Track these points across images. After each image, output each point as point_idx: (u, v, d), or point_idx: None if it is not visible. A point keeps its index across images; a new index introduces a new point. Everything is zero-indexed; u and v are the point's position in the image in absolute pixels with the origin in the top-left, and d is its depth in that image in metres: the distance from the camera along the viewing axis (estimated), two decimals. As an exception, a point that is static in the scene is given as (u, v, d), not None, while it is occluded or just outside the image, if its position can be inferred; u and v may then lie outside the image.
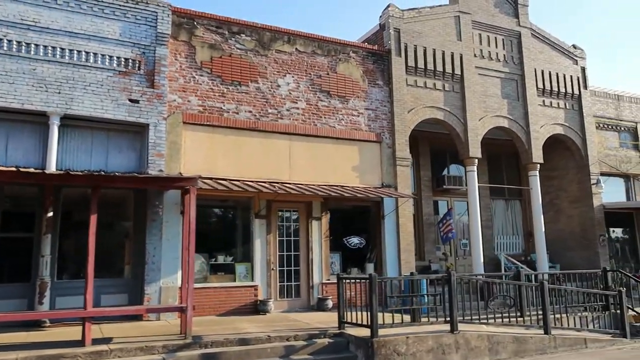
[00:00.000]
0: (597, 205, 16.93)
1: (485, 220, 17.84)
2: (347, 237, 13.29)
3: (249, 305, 11.55)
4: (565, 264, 17.63)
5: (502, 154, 18.36)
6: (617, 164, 17.94)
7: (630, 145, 18.57)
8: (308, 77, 13.12)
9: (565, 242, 17.74)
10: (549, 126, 16.65)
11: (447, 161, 17.94)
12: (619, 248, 18.06)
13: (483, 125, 15.44)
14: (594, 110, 17.86)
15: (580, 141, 17.23)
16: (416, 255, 16.58)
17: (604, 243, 16.68)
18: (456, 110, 15.04)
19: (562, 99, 17.12)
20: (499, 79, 16.07)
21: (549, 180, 18.50)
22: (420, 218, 16.77)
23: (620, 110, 18.50)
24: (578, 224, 17.32)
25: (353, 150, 13.39)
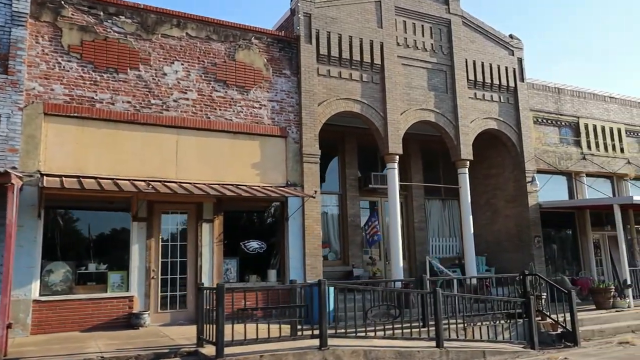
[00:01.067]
0: (533, 205, 15.93)
1: (418, 221, 16.81)
2: (246, 242, 12.09)
3: (122, 319, 10.30)
4: (501, 267, 16.61)
5: (439, 151, 17.29)
6: (557, 160, 16.97)
7: (571, 142, 17.62)
8: (201, 65, 11.92)
9: (501, 244, 16.73)
10: (480, 121, 15.62)
11: (377, 159, 16.85)
12: (555, 250, 17.07)
13: (406, 119, 14.36)
14: (532, 104, 16.88)
15: (516, 137, 16.23)
16: (340, 259, 15.54)
17: (539, 245, 15.68)
18: (375, 102, 13.94)
19: (497, 91, 16.11)
20: (425, 70, 15.01)
21: (487, 178, 17.50)
22: (345, 219, 15.65)
23: (561, 104, 17.55)
24: (514, 224, 16.32)
25: (253, 146, 12.21)
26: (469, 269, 14.62)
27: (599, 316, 12.31)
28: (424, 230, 16.81)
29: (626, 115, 18.99)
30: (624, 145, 18.62)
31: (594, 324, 11.91)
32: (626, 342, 10.65)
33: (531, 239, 15.67)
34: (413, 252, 16.53)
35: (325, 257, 15.37)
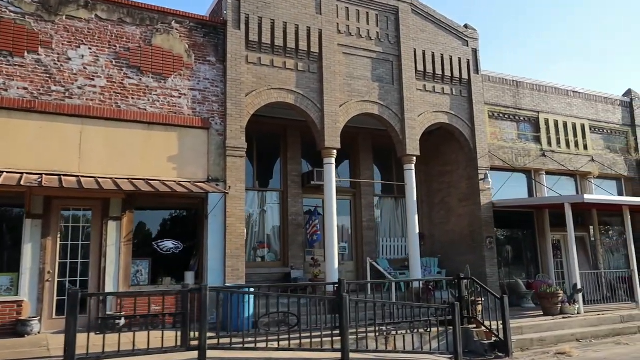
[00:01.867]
0: (486, 204, 15.07)
1: (367, 220, 15.93)
2: (160, 241, 11.17)
3: (8, 327, 9.35)
4: (454, 269, 15.68)
5: (392, 147, 16.40)
6: (513, 157, 16.11)
7: (530, 138, 16.77)
8: (112, 49, 10.99)
9: (455, 245, 15.88)
10: (430, 114, 14.74)
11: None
12: (511, 251, 16.22)
13: (346, 111, 13.47)
14: (488, 97, 16.02)
15: (469, 132, 15.37)
16: (279, 260, 14.66)
17: (491, 246, 14.81)
18: (312, 93, 13.05)
19: (449, 84, 15.24)
20: (369, 60, 14.12)
21: (442, 176, 16.65)
22: (286, 218, 14.75)
23: (520, 98, 16.70)
24: (467, 224, 15.46)
25: (171, 138, 11.29)
26: (414, 271, 13.75)
27: (542, 323, 11.45)
28: (373, 230, 15.93)
29: (591, 110, 18.17)
30: (588, 142, 17.79)
31: (535, 332, 11.05)
32: (563, 352, 9.81)
33: (483, 240, 14.82)
34: (361, 252, 15.66)
35: (263, 258, 14.55)
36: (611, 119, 18.60)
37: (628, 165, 18.55)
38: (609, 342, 10.96)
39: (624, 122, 18.89)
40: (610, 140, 18.52)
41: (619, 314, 12.64)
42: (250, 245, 14.45)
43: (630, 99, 19.19)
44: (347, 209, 16.12)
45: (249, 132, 14.53)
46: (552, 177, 17.29)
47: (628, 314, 12.73)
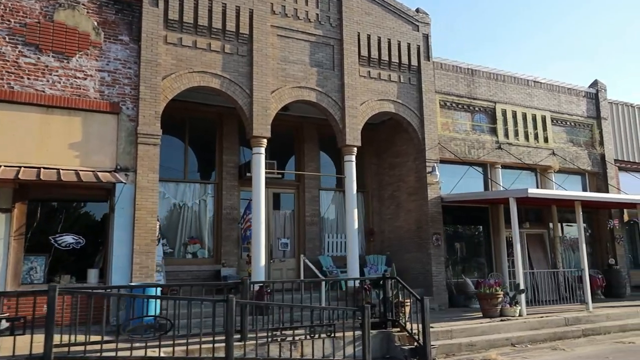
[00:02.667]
0: (434, 198, 14.21)
1: (310, 215, 15.06)
2: (58, 236, 10.23)
3: None
4: (402, 267, 14.91)
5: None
6: (466, 149, 15.24)
7: (486, 129, 15.90)
8: (6, 25, 10.01)
9: (403, 242, 15.03)
10: (374, 102, 13.85)
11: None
12: (459, 249, 15.36)
13: (280, 97, 12.55)
14: (440, 85, 15.13)
15: (418, 122, 14.48)
16: (212, 257, 13.77)
17: (437, 243, 13.96)
18: (241, 78, 12.12)
19: (396, 70, 14.33)
20: (307, 43, 13.19)
21: (393, 168, 15.79)
22: (220, 212, 13.85)
23: (475, 87, 15.81)
24: (415, 220, 14.60)
25: (74, 123, 10.34)
26: (352, 269, 12.86)
27: (477, 326, 10.61)
28: (316, 225, 15.05)
29: (553, 102, 17.31)
30: (549, 134, 16.94)
31: (467, 336, 10.20)
32: (488, 359, 8.96)
33: (430, 237, 13.97)
34: (302, 249, 14.78)
35: (194, 255, 13.65)
36: (575, 110, 17.76)
37: (592, 160, 17.72)
38: (545, 347, 10.14)
39: (588, 114, 18.04)
40: (573, 133, 17.68)
41: (565, 316, 11.82)
42: (180, 241, 13.57)
43: (596, 90, 18.34)
44: (290, 203, 15.26)
45: (180, 119, 13.73)
46: (513, 171, 16.48)
47: (574, 316, 11.91)
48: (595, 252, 17.75)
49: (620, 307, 13.32)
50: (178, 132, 13.88)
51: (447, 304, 13.74)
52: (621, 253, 17.40)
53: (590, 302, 12.90)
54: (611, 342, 10.74)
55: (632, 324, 12.16)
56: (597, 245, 17.79)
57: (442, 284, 13.84)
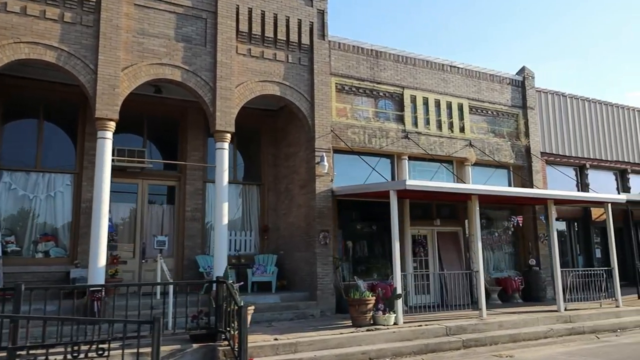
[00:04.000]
0: (323, 192, 12.77)
1: (192, 210, 13.57)
2: None
3: None
4: (293, 267, 13.53)
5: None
6: (366, 138, 13.82)
7: (392, 116, 14.49)
8: None
9: (294, 240, 13.59)
10: (254, 84, 12.37)
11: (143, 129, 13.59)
12: (358, 248, 13.90)
13: (133, 76, 11.01)
14: (337, 67, 13.70)
15: (308, 106, 13.04)
16: (68, 256, 12.21)
17: (324, 241, 12.53)
18: (84, 51, 10.55)
19: (283, 49, 12.87)
20: (173, 15, 11.66)
21: (288, 159, 14.34)
22: (79, 206, 12.30)
23: (380, 70, 14.39)
24: (304, 215, 13.16)
25: None
26: (217, 270, 11.33)
27: (334, 338, 9.18)
28: (198, 221, 13.54)
29: (472, 88, 15.96)
30: (466, 124, 15.60)
31: (315, 350, 8.77)
32: (319, 380, 7.55)
33: (316, 234, 12.54)
34: (181, 247, 13.29)
35: (46, 254, 12.09)
36: (498, 99, 16.43)
37: (516, 152, 16.42)
38: (407, 364, 8.78)
39: (513, 103, 16.74)
40: (496, 124, 16.36)
41: (448, 324, 10.46)
42: (31, 238, 12.00)
43: (522, 78, 17.04)
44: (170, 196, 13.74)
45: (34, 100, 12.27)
46: (430, 164, 15.14)
47: (460, 324, 10.55)
48: (518, 252, 16.47)
49: (520, 314, 11.99)
50: (30, 114, 12.32)
51: (334, 309, 12.32)
52: (545, 253, 16.12)
53: (484, 309, 11.55)
54: (489, 355, 9.39)
55: (526, 333, 10.84)
56: (520, 244, 16.51)
57: (328, 286, 12.43)
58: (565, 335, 11.24)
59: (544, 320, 11.65)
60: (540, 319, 11.64)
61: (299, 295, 12.52)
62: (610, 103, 19.19)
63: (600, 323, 12.05)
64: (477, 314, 11.64)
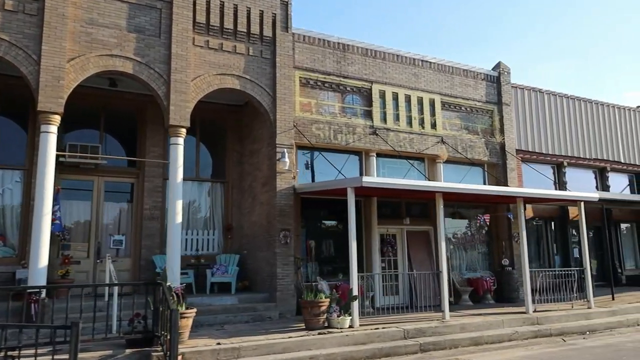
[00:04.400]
0: (284, 189, 12.33)
1: (150, 208, 13.09)
2: None
3: None
4: (255, 268, 13.09)
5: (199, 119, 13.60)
6: (331, 134, 13.39)
7: (360, 112, 14.06)
8: None
9: (257, 239, 13.14)
10: (212, 77, 11.90)
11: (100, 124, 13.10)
12: (314, 247, 13.46)
13: (82, 67, 10.52)
14: (301, 61, 13.26)
15: (270, 101, 12.59)
16: (16, 255, 11.73)
17: (285, 240, 12.09)
18: (27, 41, 10.06)
19: (244, 41, 12.41)
20: (126, 4, 11.17)
21: (252, 156, 13.90)
22: (28, 203, 11.79)
23: (347, 64, 13.95)
24: (266, 214, 12.71)
25: None
26: (170, 271, 10.88)
27: (282, 342, 8.72)
28: (157, 220, 13.05)
29: (445, 84, 15.55)
30: (438, 120, 15.18)
31: (260, 355, 8.33)
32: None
33: (277, 233, 12.10)
34: (139, 247, 12.81)
35: (-7, 253, 11.57)
36: (472, 94, 16.03)
37: (490, 150, 16.02)
38: (355, 369, 8.34)
39: (488, 99, 16.34)
40: (470, 120, 15.95)
41: (406, 327, 10.04)
42: (-24, 237, 11.52)
43: (498, 73, 16.65)
44: (129, 194, 13.27)
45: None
46: (402, 161, 14.73)
47: (419, 327, 10.13)
48: (492, 252, 16.08)
49: (486, 316, 11.59)
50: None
51: (295, 311, 11.86)
52: (519, 253, 15.69)
53: (447, 310, 11.15)
54: (445, 359, 8.97)
55: (489, 335, 10.43)
56: (494, 244, 16.12)
57: (289, 288, 11.98)
58: (530, 338, 10.85)
59: (510, 323, 11.25)
60: (506, 321, 11.23)
61: (259, 296, 12.08)
62: (589, 100, 18.84)
63: (569, 325, 11.66)
64: (434, 316, 11.22)
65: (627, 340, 10.55)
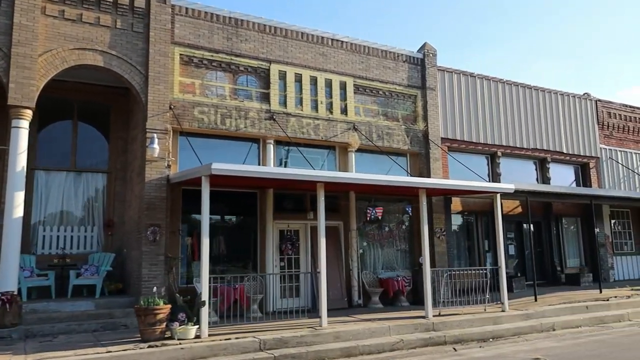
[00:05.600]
0: (155, 179, 10.92)
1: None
2: None
3: None
4: (129, 269, 11.67)
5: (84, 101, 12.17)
6: (218, 119, 11.97)
7: (256, 95, 12.66)
8: None
9: (131, 236, 11.71)
10: (67, 52, 10.45)
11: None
12: (222, 244, 12.07)
13: None
14: (183, 36, 11.83)
15: (142, 81, 11.17)
16: None
17: (153, 237, 10.68)
18: None
19: (111, 12, 10.97)
20: (-43, -33, 9.74)
21: (133, 142, 12.45)
22: None
23: (240, 41, 12.53)
24: (139, 207, 11.29)
25: None
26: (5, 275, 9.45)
27: (91, 359, 7.33)
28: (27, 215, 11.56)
29: (359, 65, 14.18)
30: (350, 105, 13.83)
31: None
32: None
33: (144, 229, 10.69)
34: (-5, 246, 11.34)
35: None
36: (391, 77, 14.67)
37: (411, 138, 14.68)
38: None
39: (410, 83, 14.99)
40: (388, 105, 14.60)
41: (267, 336, 8.67)
42: None
43: (422, 55, 15.31)
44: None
45: None
46: (318, 150, 13.45)
47: (282, 337, 8.76)
48: (413, 249, 14.77)
49: (374, 322, 10.27)
50: None
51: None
52: (442, 250, 14.45)
53: (325, 316, 9.80)
54: (294, 376, 7.63)
55: (368, 345, 9.10)
56: (415, 240, 14.81)
57: (158, 291, 10.55)
58: (419, 346, 9.53)
59: (398, 329, 9.93)
60: (394, 328, 9.91)
61: (123, 301, 10.67)
62: (528, 86, 17.57)
63: (470, 331, 10.36)
64: (317, 322, 9.86)
65: (525, 349, 9.26)
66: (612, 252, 18.81)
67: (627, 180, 19.65)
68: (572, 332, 11.12)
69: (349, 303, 13.05)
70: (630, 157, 20.03)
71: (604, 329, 11.45)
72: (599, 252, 18.17)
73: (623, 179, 19.59)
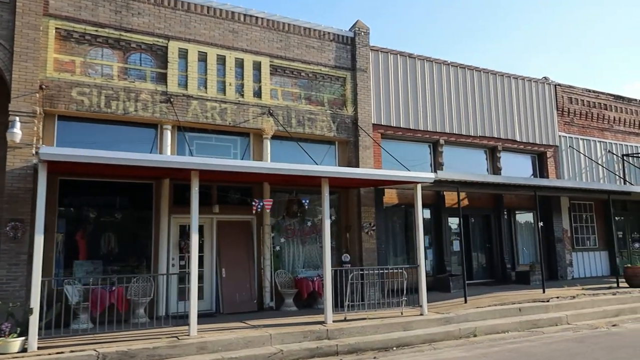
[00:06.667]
0: (19, 168, 9.66)
1: None
2: None
3: None
4: (1, 269, 10.38)
5: None
6: (103, 101, 10.67)
7: (151, 75, 11.36)
8: None
9: (4, 233, 10.44)
10: None
11: None
12: (62, 242, 10.79)
13: None
14: (60, 7, 10.53)
15: (7, 57, 9.89)
16: None
17: (14, 234, 9.40)
18: None
19: (-32, -20, 9.70)
20: None
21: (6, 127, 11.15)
22: None
23: (132, 15, 11.19)
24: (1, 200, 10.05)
25: None
26: None
27: None
28: None
29: (277, 44, 12.89)
30: (265, 87, 12.54)
31: None
32: None
33: (4, 225, 9.43)
34: None
35: None
36: (316, 58, 13.38)
37: (337, 124, 13.40)
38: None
39: (338, 63, 13.69)
40: (312, 88, 13.31)
41: (112, 349, 7.43)
42: None
43: (353, 34, 14.00)
44: None
45: None
46: (229, 137, 12.22)
47: (131, 349, 7.52)
48: (340, 246, 13.52)
49: (256, 329, 9.01)
50: None
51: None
52: (370, 246, 13.17)
53: (194, 323, 8.56)
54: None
55: (234, 358, 7.85)
56: (343, 236, 13.56)
57: (16, 295, 9.29)
58: (301, 358, 8.29)
59: (283, 338, 8.68)
60: (277, 336, 8.66)
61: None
62: (477, 68, 16.24)
63: (372, 339, 9.10)
64: (186, 330, 8.60)
65: (423, 361, 8.03)
66: (570, 248, 17.53)
67: (589, 170, 18.36)
68: (494, 338, 9.87)
69: (259, 306, 11.81)
70: (594, 146, 18.74)
71: (532, 335, 10.21)
72: (555, 248, 16.96)
73: (585, 169, 18.29)
